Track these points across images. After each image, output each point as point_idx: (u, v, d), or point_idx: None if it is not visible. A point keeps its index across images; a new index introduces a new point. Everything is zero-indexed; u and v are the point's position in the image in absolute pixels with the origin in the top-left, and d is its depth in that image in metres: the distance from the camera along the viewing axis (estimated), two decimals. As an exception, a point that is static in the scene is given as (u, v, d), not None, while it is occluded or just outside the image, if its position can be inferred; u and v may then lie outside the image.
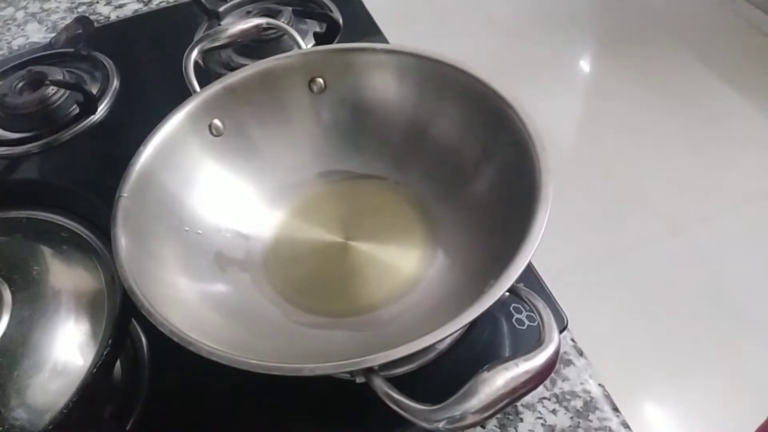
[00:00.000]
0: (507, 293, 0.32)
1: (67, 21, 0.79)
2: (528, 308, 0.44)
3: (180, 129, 0.45)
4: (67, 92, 0.66)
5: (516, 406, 0.42)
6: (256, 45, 0.69)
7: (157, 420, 0.43)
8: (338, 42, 0.68)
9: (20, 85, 0.67)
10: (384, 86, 0.48)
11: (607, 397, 0.42)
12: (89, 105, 0.65)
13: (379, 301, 0.43)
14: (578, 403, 0.42)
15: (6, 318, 0.37)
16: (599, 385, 0.43)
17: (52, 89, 0.66)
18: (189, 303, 0.40)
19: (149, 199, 0.42)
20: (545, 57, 1.94)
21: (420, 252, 0.45)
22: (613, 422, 0.41)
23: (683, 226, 1.44)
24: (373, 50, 0.48)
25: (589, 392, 0.42)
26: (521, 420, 0.41)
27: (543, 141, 0.38)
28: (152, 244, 0.41)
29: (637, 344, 1.24)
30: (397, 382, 0.31)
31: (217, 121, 0.47)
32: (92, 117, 0.66)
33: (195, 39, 0.61)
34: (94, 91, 0.68)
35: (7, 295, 0.38)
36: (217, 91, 0.47)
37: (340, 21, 0.70)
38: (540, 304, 0.32)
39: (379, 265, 0.45)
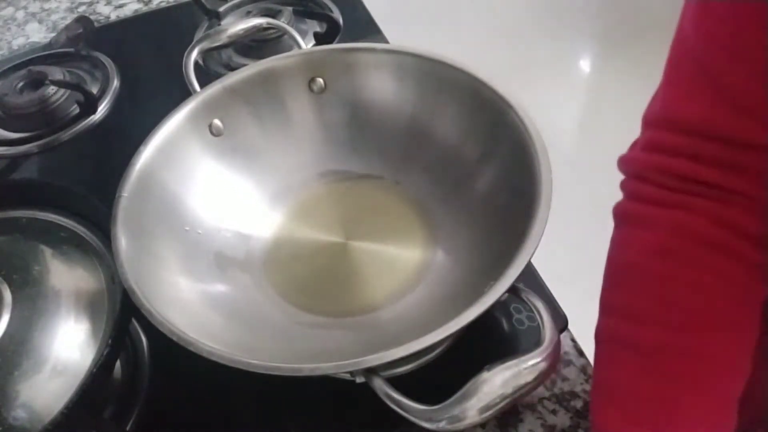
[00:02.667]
0: (507, 293, 0.32)
1: (67, 21, 0.79)
2: (528, 308, 0.44)
3: (180, 129, 0.45)
4: (67, 92, 0.66)
5: (516, 406, 0.42)
6: (256, 45, 0.69)
7: (157, 420, 0.43)
8: (338, 42, 0.68)
9: (20, 85, 0.67)
10: (384, 86, 0.48)
11: (607, 397, 0.42)
12: (89, 105, 0.65)
13: (379, 301, 0.43)
14: (578, 403, 0.42)
15: (6, 318, 0.37)
16: (599, 385, 0.43)
17: (52, 89, 0.66)
18: (189, 303, 0.40)
19: (149, 199, 0.42)
20: (545, 57, 1.93)
21: (420, 252, 0.45)
22: (613, 422, 0.41)
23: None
24: (373, 50, 0.48)
25: (589, 392, 0.42)
26: (521, 420, 0.41)
27: (543, 141, 0.38)
28: (152, 244, 0.41)
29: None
30: (397, 382, 0.31)
31: (217, 121, 0.47)
32: (92, 117, 0.66)
33: (195, 39, 0.61)
34: (94, 91, 0.68)
35: (7, 295, 0.38)
36: (217, 91, 0.47)
37: (340, 21, 0.70)
38: (540, 304, 0.32)
39: (379, 265, 0.45)
